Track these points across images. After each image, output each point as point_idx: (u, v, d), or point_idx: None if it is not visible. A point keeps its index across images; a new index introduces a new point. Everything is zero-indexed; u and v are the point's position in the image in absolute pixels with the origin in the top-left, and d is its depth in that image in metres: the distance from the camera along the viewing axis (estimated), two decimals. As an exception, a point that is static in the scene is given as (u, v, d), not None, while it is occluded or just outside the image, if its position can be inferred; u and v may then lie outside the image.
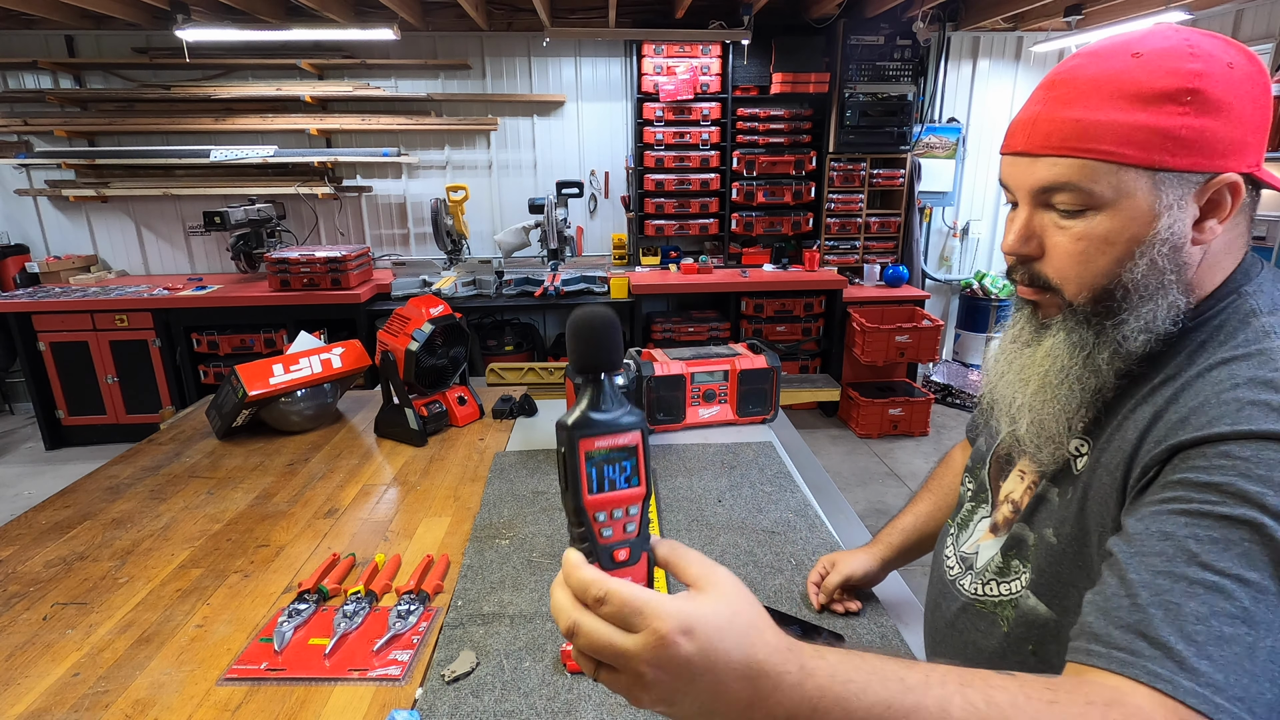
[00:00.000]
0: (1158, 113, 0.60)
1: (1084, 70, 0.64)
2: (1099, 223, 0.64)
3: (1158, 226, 0.62)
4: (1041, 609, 0.73)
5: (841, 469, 3.82)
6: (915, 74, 4.31)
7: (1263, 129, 0.62)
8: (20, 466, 3.89)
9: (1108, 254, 0.65)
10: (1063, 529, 0.71)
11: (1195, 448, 0.58)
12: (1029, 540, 0.76)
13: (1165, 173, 0.61)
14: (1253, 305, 0.64)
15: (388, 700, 0.93)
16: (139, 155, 4.15)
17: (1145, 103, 0.60)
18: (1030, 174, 0.66)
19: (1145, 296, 0.65)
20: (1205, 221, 0.63)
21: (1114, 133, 0.61)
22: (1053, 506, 0.73)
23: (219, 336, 3.94)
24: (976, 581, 0.82)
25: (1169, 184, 0.61)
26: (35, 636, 1.06)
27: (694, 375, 1.80)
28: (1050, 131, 0.64)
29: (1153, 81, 0.60)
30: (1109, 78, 0.62)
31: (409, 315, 1.79)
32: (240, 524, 1.40)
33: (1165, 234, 0.62)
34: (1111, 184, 0.62)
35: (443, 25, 4.24)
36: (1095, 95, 0.62)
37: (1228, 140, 0.60)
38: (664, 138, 4.33)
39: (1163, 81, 0.60)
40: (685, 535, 1.33)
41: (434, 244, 4.24)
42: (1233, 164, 0.61)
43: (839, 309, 4.28)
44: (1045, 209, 0.68)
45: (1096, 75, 0.63)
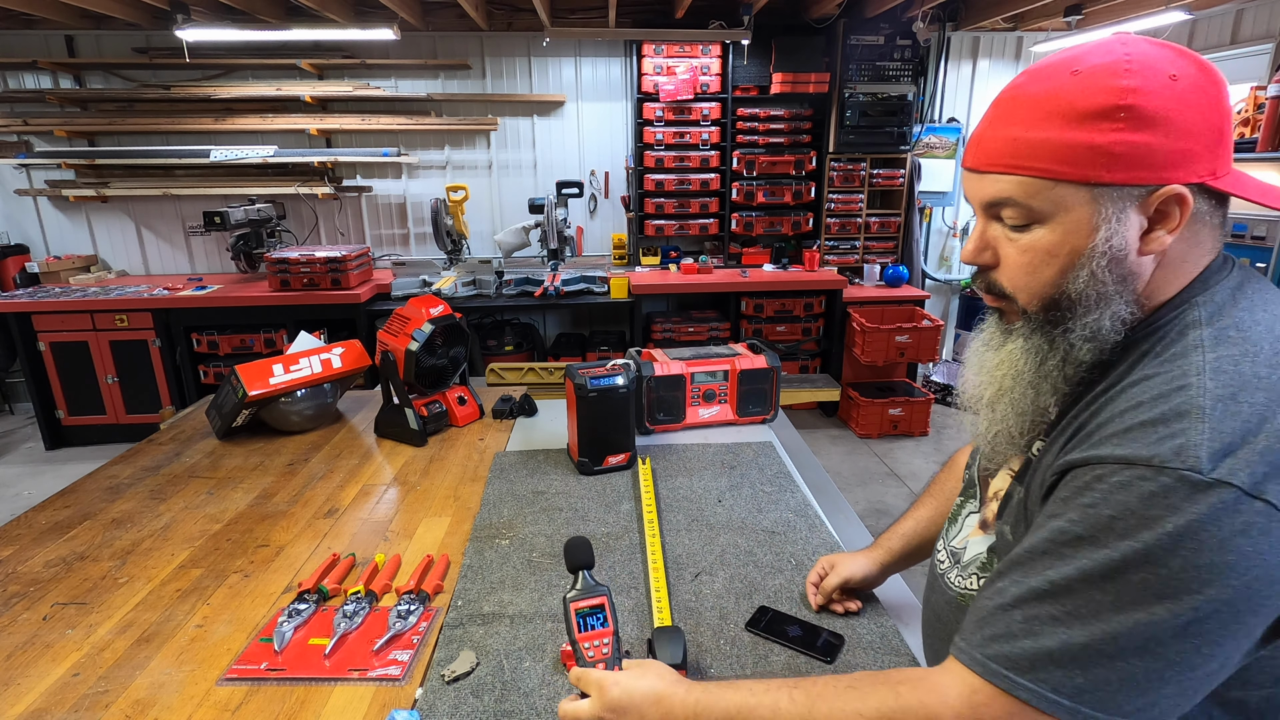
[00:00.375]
0: (1092, 130, 0.61)
1: (1026, 89, 0.66)
2: (1042, 236, 0.66)
3: (1096, 239, 0.64)
4: None
5: (841, 469, 3.82)
6: (915, 74, 4.31)
7: (1215, 138, 0.62)
8: (20, 466, 3.89)
9: (1052, 265, 0.67)
10: (1017, 528, 0.74)
11: (1083, 466, 0.62)
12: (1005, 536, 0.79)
13: (1103, 187, 0.62)
14: (1195, 316, 0.65)
15: (388, 700, 0.93)
16: (139, 155, 4.15)
17: (1079, 120, 0.62)
18: (979, 189, 0.69)
19: (1089, 307, 0.66)
20: (1153, 232, 0.64)
21: (1049, 150, 0.63)
22: (1013, 504, 0.76)
23: (219, 336, 3.94)
24: (961, 576, 0.84)
25: (1107, 198, 0.63)
26: (35, 636, 1.06)
27: (694, 375, 1.80)
28: (992, 149, 0.67)
29: (1087, 99, 0.61)
30: (1047, 96, 0.64)
31: (409, 315, 1.79)
32: (240, 524, 1.40)
33: (1104, 247, 0.64)
34: (1049, 199, 0.64)
35: (443, 25, 4.24)
36: (1033, 114, 0.64)
37: (1170, 152, 0.61)
38: (664, 138, 4.33)
39: (1096, 99, 0.61)
40: (685, 535, 1.33)
41: (434, 244, 4.24)
42: (1177, 176, 0.61)
43: (839, 309, 4.28)
44: (996, 221, 0.70)
45: (1036, 94, 0.64)
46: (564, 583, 1.18)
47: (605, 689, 0.77)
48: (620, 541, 1.31)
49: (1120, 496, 0.58)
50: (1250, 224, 3.21)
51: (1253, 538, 0.54)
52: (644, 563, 1.24)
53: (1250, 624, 0.57)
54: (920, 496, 1.14)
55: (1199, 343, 0.62)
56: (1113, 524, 0.58)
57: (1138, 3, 3.69)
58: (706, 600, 1.13)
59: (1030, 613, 0.61)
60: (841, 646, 1.02)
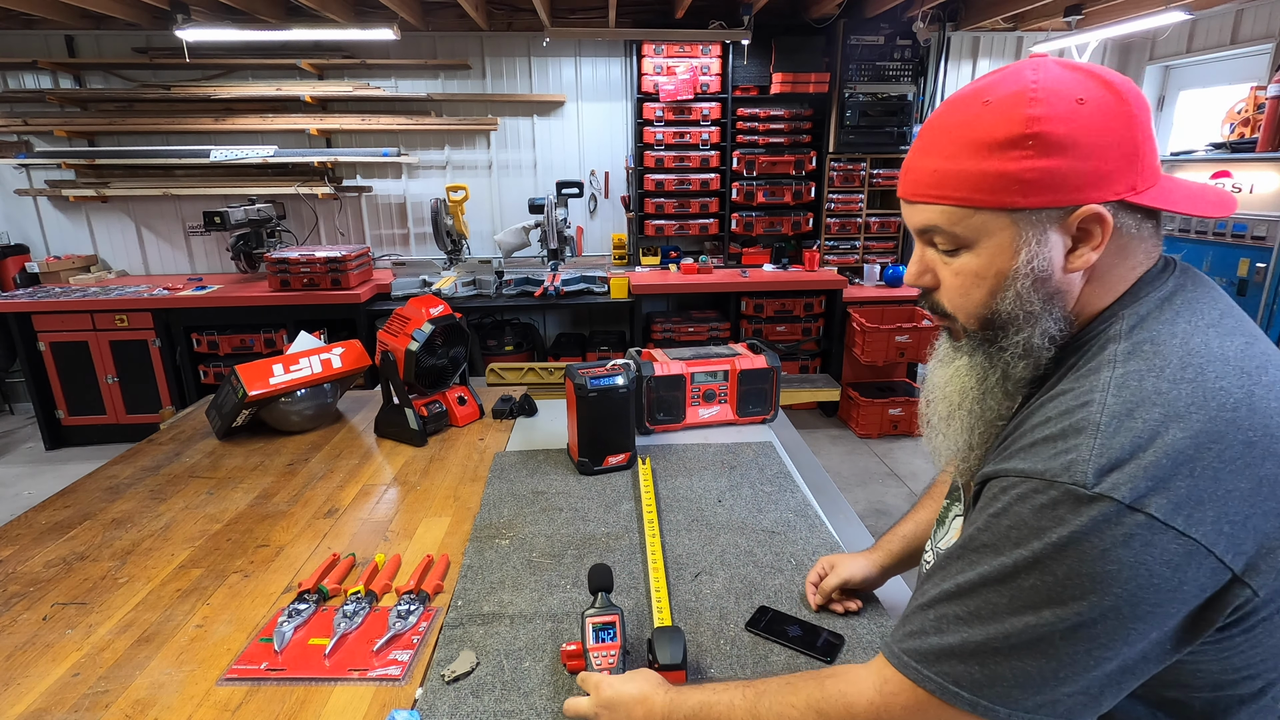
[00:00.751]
0: (1003, 158, 0.63)
1: (944, 119, 0.69)
2: (969, 260, 0.69)
3: (1018, 261, 0.66)
4: None
5: (841, 469, 3.82)
6: (915, 74, 4.31)
7: (1130, 156, 0.63)
8: (20, 466, 3.89)
9: (981, 287, 0.69)
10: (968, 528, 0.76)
11: (996, 478, 0.65)
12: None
13: (1020, 212, 0.65)
14: (1117, 329, 0.66)
15: (388, 700, 0.93)
16: (139, 155, 4.15)
17: (990, 150, 0.64)
18: (910, 217, 0.73)
19: (1019, 325, 0.69)
20: (1077, 250, 0.66)
21: (965, 180, 0.66)
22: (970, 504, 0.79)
23: (219, 336, 3.94)
24: None
25: (1025, 222, 0.65)
26: (35, 636, 1.06)
27: (694, 375, 1.80)
28: (917, 180, 0.70)
29: (995, 130, 0.64)
30: (960, 127, 0.66)
31: (409, 315, 1.79)
32: (240, 524, 1.40)
33: (1026, 268, 0.66)
34: (971, 226, 0.67)
35: (443, 25, 4.24)
36: (950, 145, 0.67)
37: (1082, 174, 0.62)
38: (664, 138, 4.33)
39: (1004, 129, 0.63)
40: (685, 535, 1.33)
41: (434, 244, 4.24)
42: (1093, 195, 0.63)
43: (839, 309, 4.28)
44: (931, 246, 0.73)
45: (952, 125, 0.67)
46: (564, 583, 1.18)
47: (600, 689, 0.87)
48: (620, 541, 1.31)
49: (1017, 508, 0.62)
50: (1250, 224, 3.21)
51: (1134, 549, 0.56)
52: (644, 563, 1.24)
53: (1141, 629, 0.58)
54: (920, 499, 1.14)
55: (1113, 358, 0.64)
56: (1009, 533, 0.62)
57: (1138, 3, 3.69)
58: (706, 600, 1.13)
59: (940, 612, 0.66)
60: (841, 646, 1.02)
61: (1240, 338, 0.64)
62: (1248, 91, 3.73)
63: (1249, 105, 3.69)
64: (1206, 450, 0.57)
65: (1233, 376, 0.60)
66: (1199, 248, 3.45)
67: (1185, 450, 0.57)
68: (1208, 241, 3.42)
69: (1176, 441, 0.57)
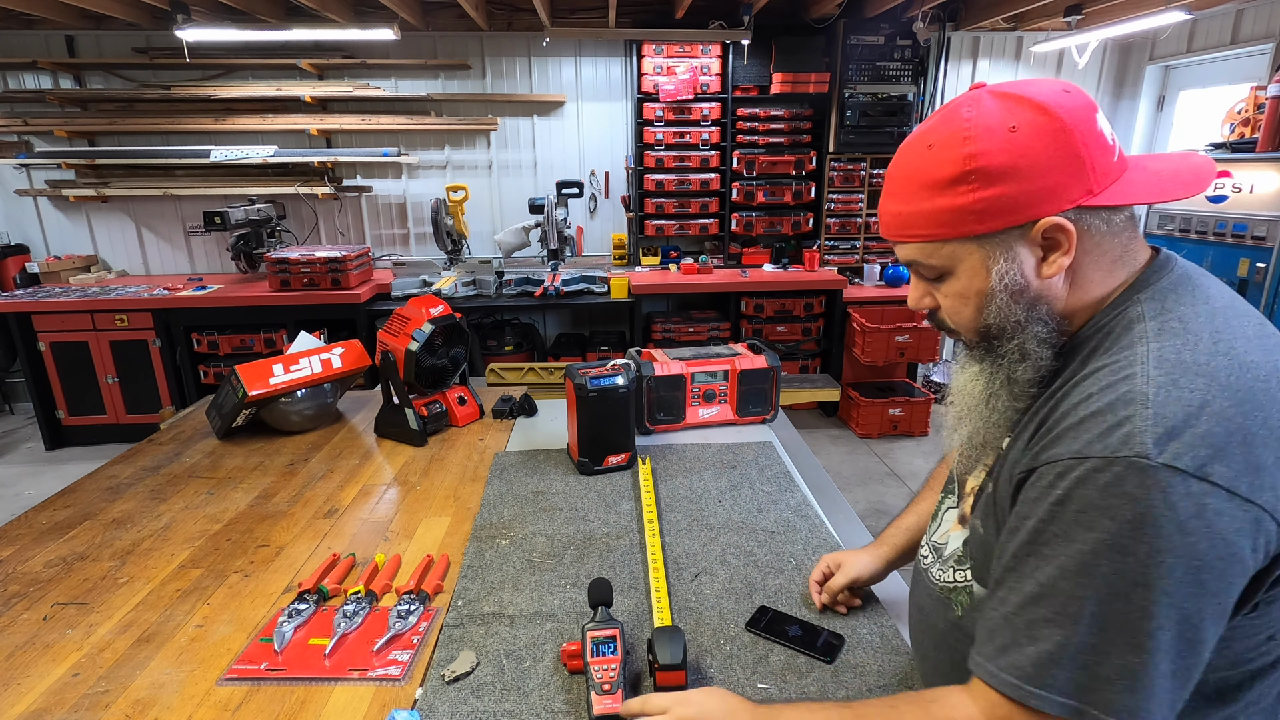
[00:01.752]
0: (952, 195, 0.69)
1: (897, 168, 0.75)
2: (952, 284, 0.75)
3: (992, 279, 0.71)
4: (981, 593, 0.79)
5: (841, 469, 3.82)
6: (915, 74, 4.31)
7: (1075, 166, 0.66)
8: (20, 466, 3.89)
9: (968, 306, 0.74)
10: (988, 521, 0.77)
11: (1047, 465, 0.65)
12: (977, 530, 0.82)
13: (982, 237, 0.70)
14: (1139, 311, 0.69)
15: (388, 700, 0.93)
16: (139, 155, 4.15)
17: (939, 190, 0.70)
18: (897, 252, 0.79)
19: (1009, 334, 0.72)
20: (1049, 258, 0.70)
21: (924, 219, 0.72)
22: (986, 498, 0.80)
23: (219, 336, 3.94)
24: (944, 569, 0.87)
25: (990, 244, 0.70)
26: (35, 636, 1.06)
27: (694, 375, 1.80)
28: (887, 223, 0.77)
29: (938, 171, 0.69)
30: (911, 173, 0.73)
31: (409, 315, 1.79)
32: (240, 524, 1.40)
33: (999, 285, 0.70)
34: (943, 255, 0.73)
35: (443, 25, 4.24)
36: (903, 191, 0.74)
37: (1030, 193, 0.67)
38: (664, 138, 4.33)
39: (946, 170, 0.69)
40: (685, 535, 1.33)
41: (434, 244, 4.24)
42: (1048, 209, 0.67)
43: (839, 309, 4.28)
44: (920, 275, 0.79)
45: (902, 172, 0.74)
46: (564, 583, 1.18)
47: (674, 709, 0.81)
48: (620, 541, 1.31)
49: (1081, 491, 0.61)
50: (1250, 224, 3.21)
51: (1207, 519, 0.57)
52: (644, 563, 1.24)
53: (1224, 601, 0.59)
54: (920, 491, 1.15)
55: (1144, 335, 0.66)
56: (1078, 518, 0.61)
57: (1138, 3, 3.69)
58: (706, 600, 1.13)
59: (1028, 617, 0.64)
60: (842, 646, 1.02)
61: (1254, 318, 0.68)
62: (1248, 91, 3.73)
63: (1249, 105, 3.69)
64: (1251, 418, 0.59)
65: (1258, 352, 0.63)
66: (1199, 247, 3.45)
67: (1234, 419, 0.58)
68: (1208, 241, 3.42)
69: (1224, 410, 0.59)
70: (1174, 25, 4.11)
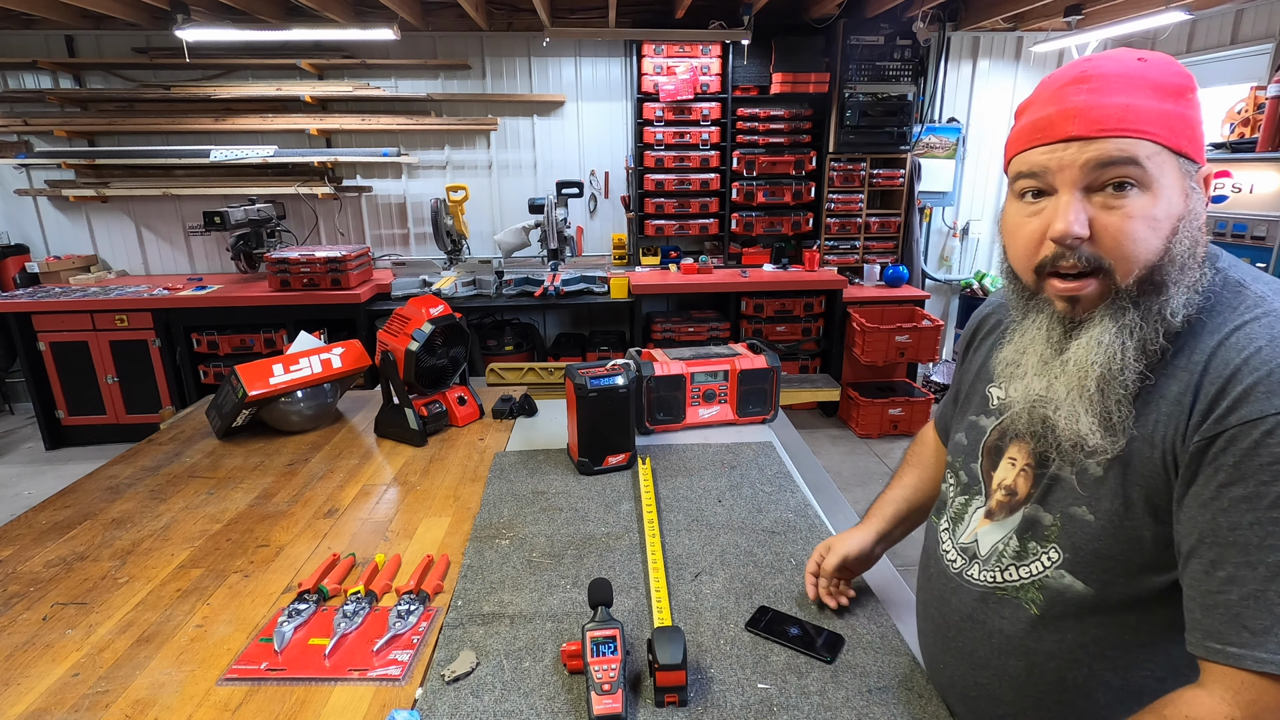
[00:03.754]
0: (1180, 103, 0.69)
1: (1109, 67, 0.70)
2: (1147, 202, 0.68)
3: (1191, 204, 0.69)
4: (1078, 586, 0.75)
5: (841, 469, 3.82)
6: (915, 74, 4.31)
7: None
8: (20, 466, 3.89)
9: (1158, 231, 0.69)
10: (1100, 505, 0.73)
11: (1239, 427, 0.63)
12: (1045, 522, 0.78)
13: (1182, 159, 0.69)
14: (1238, 277, 0.72)
15: (388, 700, 0.93)
16: (139, 155, 4.15)
17: (1166, 95, 0.69)
18: (1082, 154, 0.69)
19: (1186, 270, 0.70)
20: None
21: (1155, 117, 0.68)
22: (1072, 485, 0.76)
23: (219, 336, 3.94)
24: (989, 569, 0.83)
25: (1186, 170, 0.70)
26: (35, 636, 1.06)
27: (694, 375, 1.80)
28: (1103, 116, 0.69)
29: (1168, 79, 0.69)
30: (1135, 73, 0.70)
31: (409, 315, 1.79)
32: (240, 524, 1.40)
33: (1195, 211, 0.70)
34: (1156, 164, 0.68)
35: (443, 25, 4.24)
36: (1133, 86, 0.69)
37: (1202, 137, 0.71)
38: (664, 138, 4.33)
39: (1175, 79, 0.69)
40: (685, 535, 1.33)
41: (434, 244, 4.24)
42: (1204, 158, 0.71)
43: (839, 309, 4.28)
44: (1090, 193, 0.70)
45: (1126, 71, 0.70)
46: (564, 583, 1.18)
47: None
48: (620, 541, 1.31)
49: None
50: (1250, 224, 3.21)
51: None
52: (644, 563, 1.24)
53: None
54: (898, 469, 1.15)
55: (1263, 295, 0.69)
56: None
57: (1138, 3, 3.68)
58: (706, 600, 1.13)
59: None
60: (842, 646, 1.02)
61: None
62: (1248, 91, 3.72)
63: (1249, 105, 3.69)
64: None
65: None
66: (1199, 248, 3.44)
67: None
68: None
69: None
70: (1174, 25, 4.11)
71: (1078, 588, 0.75)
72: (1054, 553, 0.77)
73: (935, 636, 0.92)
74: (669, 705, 0.91)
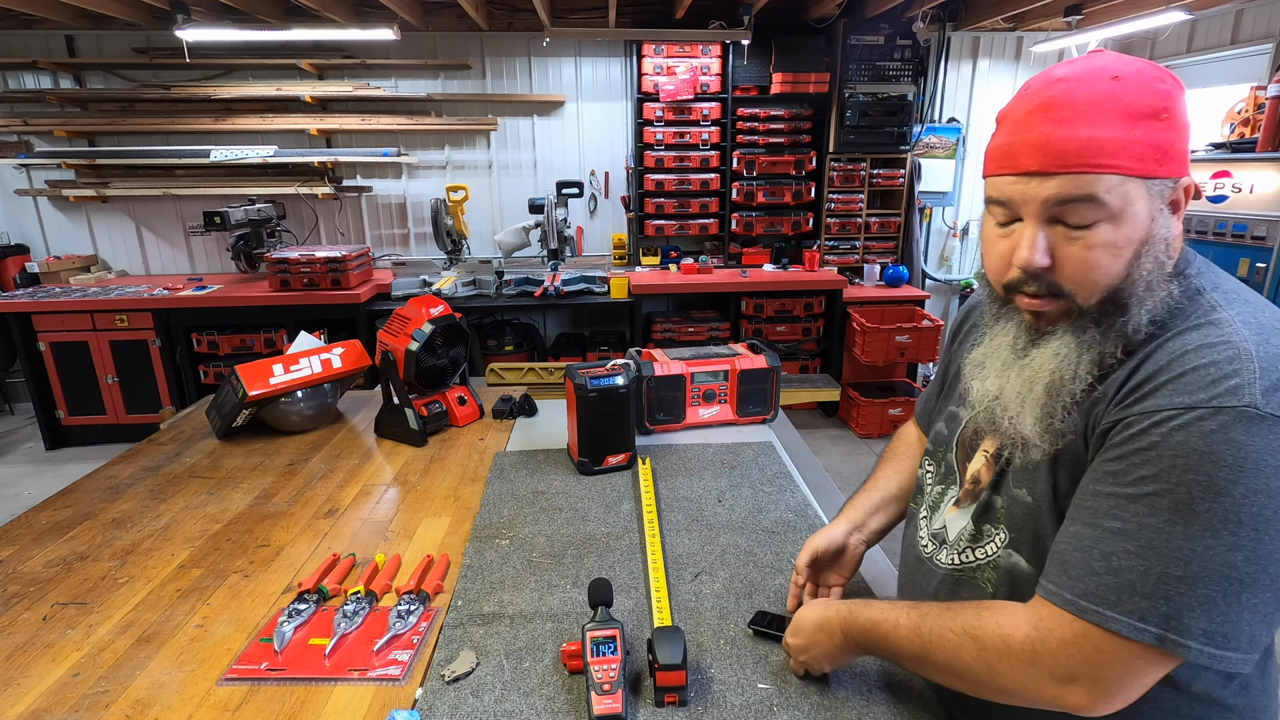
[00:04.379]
0: (1147, 128, 0.68)
1: (1075, 92, 0.69)
2: (1108, 231, 0.70)
3: (1155, 228, 0.70)
4: (1022, 564, 0.81)
5: (841, 469, 3.82)
6: (915, 74, 4.31)
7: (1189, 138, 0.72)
8: (20, 466, 3.89)
9: (1119, 258, 0.71)
10: (1036, 487, 0.79)
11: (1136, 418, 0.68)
12: (997, 505, 0.84)
13: (1154, 180, 0.69)
14: (1198, 285, 0.74)
15: (388, 700, 0.93)
16: (139, 155, 4.15)
17: (1136, 119, 0.68)
18: (1043, 190, 0.71)
19: (1150, 290, 0.71)
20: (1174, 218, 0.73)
21: (1119, 148, 0.68)
22: (1018, 469, 0.82)
23: (219, 336, 3.94)
24: (952, 552, 0.89)
25: (1156, 191, 0.70)
26: (35, 636, 1.06)
27: (694, 375, 1.80)
28: (1064, 151, 0.69)
29: (1138, 101, 0.68)
30: (1103, 98, 0.68)
31: (409, 315, 1.79)
32: (240, 524, 1.40)
33: (1160, 234, 0.71)
34: (1119, 194, 0.69)
35: (443, 25, 4.24)
36: (1097, 115, 0.68)
37: (1184, 149, 0.70)
38: (664, 138, 4.33)
39: (1147, 100, 0.68)
40: (685, 535, 1.33)
41: (434, 244, 4.24)
42: (1187, 168, 0.71)
43: (839, 309, 4.28)
44: (1053, 224, 0.72)
45: (1091, 97, 0.69)
46: (564, 583, 1.18)
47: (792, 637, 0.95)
48: (620, 541, 1.31)
49: (1180, 436, 0.64)
50: (1250, 224, 3.21)
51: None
52: (644, 563, 1.24)
53: None
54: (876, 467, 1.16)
55: (1215, 303, 0.71)
56: (1175, 461, 0.64)
57: (1138, 3, 3.69)
58: (706, 600, 1.13)
59: (1108, 549, 0.67)
60: None
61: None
62: (1248, 91, 3.73)
63: (1249, 105, 3.69)
64: None
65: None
66: (1198, 247, 3.43)
67: None
68: (1208, 241, 3.42)
69: None
70: (1174, 25, 4.11)
71: (1023, 565, 0.81)
72: (1002, 533, 0.83)
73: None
74: (669, 705, 0.91)
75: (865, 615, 0.86)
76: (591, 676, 0.90)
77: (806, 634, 0.92)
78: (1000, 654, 0.72)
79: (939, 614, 0.80)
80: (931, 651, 0.78)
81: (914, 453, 1.14)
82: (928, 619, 0.80)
